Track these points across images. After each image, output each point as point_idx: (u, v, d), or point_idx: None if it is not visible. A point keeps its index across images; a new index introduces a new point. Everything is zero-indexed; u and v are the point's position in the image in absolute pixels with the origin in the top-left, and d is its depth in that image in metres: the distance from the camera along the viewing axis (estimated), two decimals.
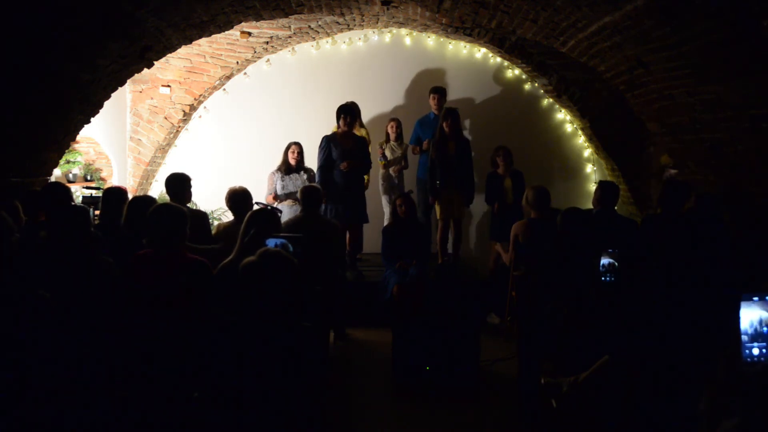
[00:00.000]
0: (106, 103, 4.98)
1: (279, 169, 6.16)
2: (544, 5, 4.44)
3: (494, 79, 7.40)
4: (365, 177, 6.24)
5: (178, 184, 4.60)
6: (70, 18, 3.69)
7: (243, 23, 5.38)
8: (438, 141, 5.96)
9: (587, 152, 7.45)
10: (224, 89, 7.26)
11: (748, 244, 3.65)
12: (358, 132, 6.36)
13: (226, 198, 4.65)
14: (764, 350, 1.93)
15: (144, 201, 4.06)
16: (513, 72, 7.33)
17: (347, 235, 6.02)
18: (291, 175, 6.10)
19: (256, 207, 4.32)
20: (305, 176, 6.13)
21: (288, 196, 6.04)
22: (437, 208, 6.07)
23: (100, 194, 5.00)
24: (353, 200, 5.94)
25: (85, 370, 2.52)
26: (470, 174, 6.10)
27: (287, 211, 5.90)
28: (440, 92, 6.46)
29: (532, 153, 7.11)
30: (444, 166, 5.92)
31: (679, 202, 4.53)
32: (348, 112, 5.91)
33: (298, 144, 6.16)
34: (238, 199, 4.57)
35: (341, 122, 5.90)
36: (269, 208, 4.27)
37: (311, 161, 6.32)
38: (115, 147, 7.03)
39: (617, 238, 4.29)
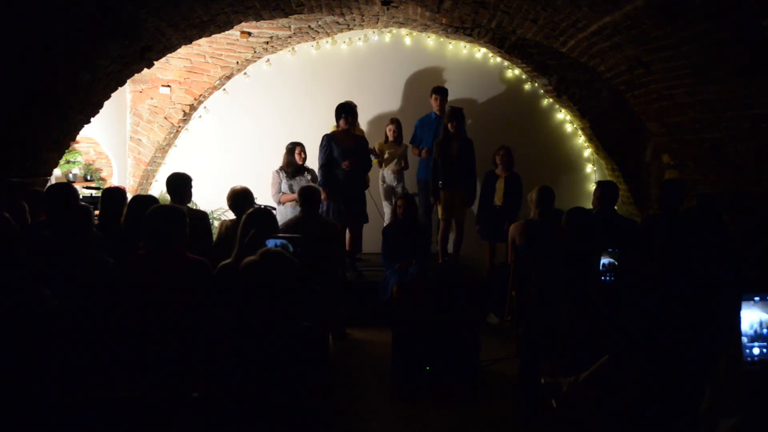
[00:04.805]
0: (106, 103, 4.98)
1: (283, 169, 6.14)
2: (544, 5, 4.44)
3: (494, 79, 7.40)
4: (367, 176, 6.26)
5: (179, 184, 4.60)
6: (71, 18, 3.70)
7: (243, 23, 5.38)
8: (442, 141, 5.96)
9: (587, 152, 7.45)
10: (224, 89, 7.26)
11: (748, 244, 3.66)
12: (357, 131, 6.37)
13: (227, 197, 4.65)
14: (765, 350, 1.93)
15: (145, 200, 4.06)
16: (513, 72, 7.33)
17: (347, 235, 6.03)
18: (296, 178, 6.09)
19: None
20: (309, 177, 6.13)
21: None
22: (439, 208, 6.07)
23: (100, 194, 5.00)
24: (355, 199, 5.94)
25: (86, 370, 2.52)
26: (473, 174, 6.10)
27: (291, 211, 5.89)
28: (442, 93, 6.47)
29: (532, 153, 7.11)
30: (447, 167, 5.91)
31: (677, 202, 4.54)
32: (350, 112, 5.91)
33: (302, 144, 6.16)
34: (240, 198, 4.56)
35: (342, 122, 5.90)
36: (263, 207, 4.26)
37: (308, 162, 6.32)
38: (115, 147, 7.03)
39: (617, 238, 4.29)
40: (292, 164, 6.10)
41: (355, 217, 6.00)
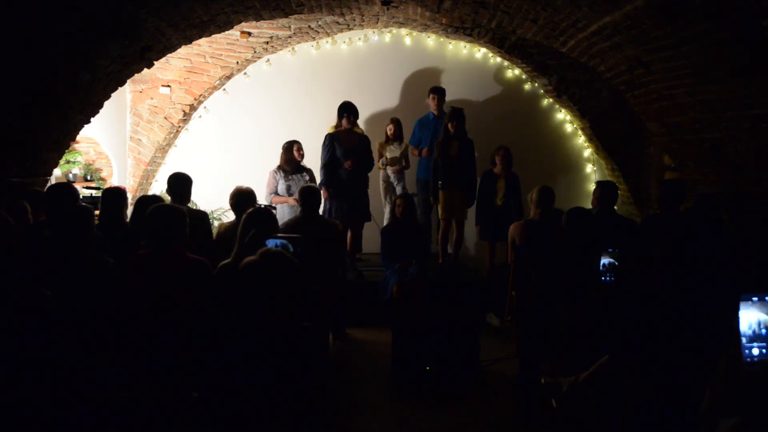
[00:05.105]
0: (106, 103, 4.98)
1: (281, 168, 6.13)
2: (544, 5, 4.44)
3: (494, 79, 7.40)
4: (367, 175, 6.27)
5: (181, 184, 4.61)
6: (71, 18, 3.70)
7: (243, 23, 5.38)
8: (442, 141, 5.96)
9: (587, 152, 7.45)
10: (224, 89, 7.26)
11: (748, 244, 3.66)
12: (357, 131, 6.38)
13: (230, 195, 4.63)
14: (764, 350, 1.93)
15: (152, 201, 4.06)
16: (513, 72, 7.33)
17: (348, 235, 6.03)
18: (295, 176, 6.09)
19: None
20: (307, 177, 6.13)
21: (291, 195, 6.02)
22: (439, 208, 6.07)
23: (100, 194, 5.00)
24: (357, 198, 5.95)
25: (85, 370, 2.52)
26: (473, 175, 6.10)
27: (288, 211, 5.88)
28: (440, 93, 6.47)
29: (532, 153, 7.11)
30: (446, 167, 5.91)
31: (677, 202, 4.54)
32: (351, 111, 5.92)
33: (299, 142, 6.16)
34: (243, 198, 4.54)
35: (345, 121, 5.91)
36: (262, 206, 4.25)
37: (308, 162, 6.33)
38: (115, 147, 7.03)
39: (617, 238, 4.29)
40: (291, 162, 6.09)
41: (358, 216, 6.01)
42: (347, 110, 5.91)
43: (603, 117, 6.81)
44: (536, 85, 7.25)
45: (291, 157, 6.08)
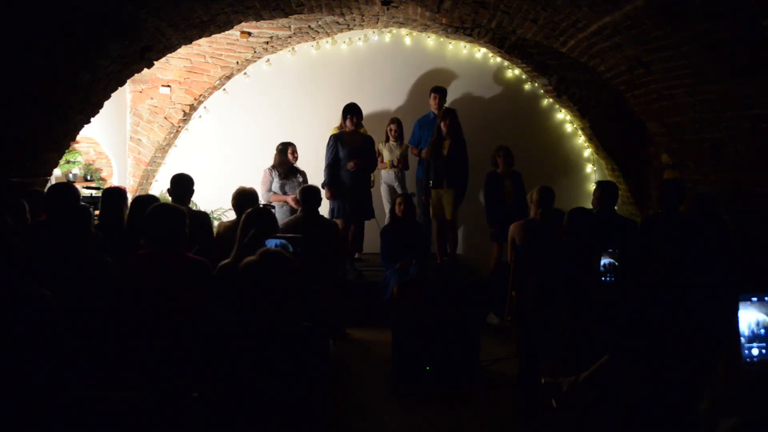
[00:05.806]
0: (106, 103, 4.98)
1: (275, 168, 6.13)
2: (544, 5, 4.44)
3: (494, 79, 7.40)
4: (372, 175, 6.28)
5: (184, 185, 4.62)
6: (71, 18, 3.70)
7: (243, 23, 5.38)
8: (434, 141, 5.97)
9: (587, 152, 7.45)
10: (224, 89, 7.26)
11: (748, 244, 3.66)
12: (361, 131, 6.39)
13: (233, 195, 4.63)
14: (763, 350, 1.93)
15: (147, 200, 4.07)
16: (513, 72, 7.33)
17: (349, 235, 6.04)
18: (289, 178, 6.09)
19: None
20: (300, 179, 6.13)
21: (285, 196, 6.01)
22: (431, 208, 6.08)
23: (100, 194, 5.00)
24: (360, 199, 5.97)
25: (85, 370, 2.52)
26: (464, 174, 6.09)
27: (280, 212, 5.87)
28: (441, 92, 6.47)
29: (532, 153, 7.11)
30: (438, 166, 5.92)
31: (677, 202, 4.54)
32: (355, 112, 5.95)
33: (294, 144, 6.17)
34: (246, 199, 4.54)
35: (348, 122, 5.93)
36: (261, 206, 4.26)
37: (309, 161, 6.32)
38: (115, 147, 7.03)
39: (617, 238, 4.29)
40: (285, 164, 6.09)
41: (361, 216, 6.02)
42: (351, 111, 5.94)
43: (603, 117, 6.81)
44: (536, 85, 7.25)
45: (285, 159, 6.09)
